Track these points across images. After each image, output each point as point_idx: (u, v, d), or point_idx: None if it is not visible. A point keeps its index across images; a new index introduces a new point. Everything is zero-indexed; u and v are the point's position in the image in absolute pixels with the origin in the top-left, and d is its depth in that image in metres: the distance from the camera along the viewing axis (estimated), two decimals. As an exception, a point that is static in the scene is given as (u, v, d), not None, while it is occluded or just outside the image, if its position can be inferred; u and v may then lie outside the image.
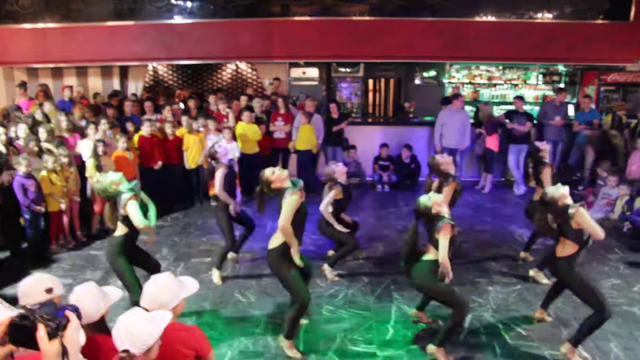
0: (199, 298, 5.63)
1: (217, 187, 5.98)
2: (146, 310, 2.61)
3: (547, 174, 6.11)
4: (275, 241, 4.47)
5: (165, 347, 2.60)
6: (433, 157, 6.25)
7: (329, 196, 5.93)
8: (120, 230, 4.81)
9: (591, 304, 4.41)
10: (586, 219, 4.46)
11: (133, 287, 4.73)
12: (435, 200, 4.47)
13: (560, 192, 4.63)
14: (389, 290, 5.84)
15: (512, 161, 9.77)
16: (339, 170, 5.99)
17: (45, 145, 7.12)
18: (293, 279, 4.44)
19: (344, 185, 6.00)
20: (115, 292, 3.00)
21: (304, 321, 5.08)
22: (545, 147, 6.38)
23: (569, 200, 4.60)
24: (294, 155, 9.66)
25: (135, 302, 4.49)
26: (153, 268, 4.96)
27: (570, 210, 4.48)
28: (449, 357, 4.46)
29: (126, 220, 4.71)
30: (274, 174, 4.55)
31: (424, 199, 4.51)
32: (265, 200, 4.76)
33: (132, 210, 4.61)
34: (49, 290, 2.79)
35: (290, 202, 4.34)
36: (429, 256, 4.47)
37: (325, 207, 5.94)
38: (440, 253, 4.29)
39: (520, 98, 9.90)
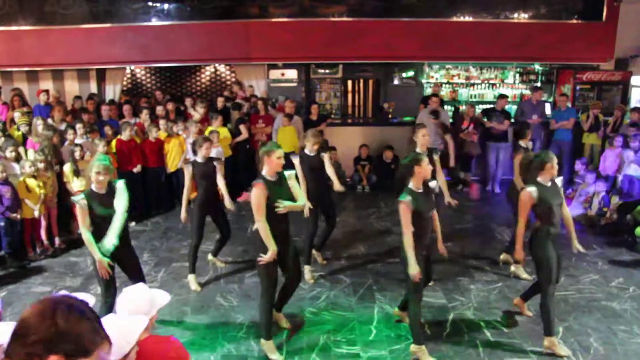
0: (180, 302, 5.59)
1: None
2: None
3: (517, 159, 6.20)
4: None
5: None
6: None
7: None
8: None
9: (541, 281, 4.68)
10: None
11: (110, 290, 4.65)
12: None
13: None
14: (371, 290, 5.85)
15: (491, 159, 9.87)
16: None
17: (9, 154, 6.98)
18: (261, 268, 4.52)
19: None
20: (87, 299, 2.90)
21: (285, 325, 5.07)
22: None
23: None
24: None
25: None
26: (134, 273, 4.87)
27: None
28: (429, 357, 4.47)
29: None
30: None
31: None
32: None
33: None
34: None
35: (252, 197, 4.39)
36: None
37: None
38: None
39: (504, 97, 9.99)
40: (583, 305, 5.47)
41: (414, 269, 4.23)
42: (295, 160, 6.05)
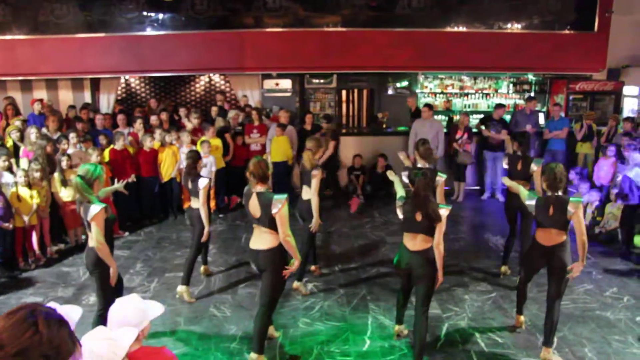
0: (173, 313, 5.55)
1: (202, 200, 5.88)
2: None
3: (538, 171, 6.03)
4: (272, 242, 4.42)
5: None
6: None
7: None
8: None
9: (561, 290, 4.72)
10: None
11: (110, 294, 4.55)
12: None
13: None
14: (365, 301, 5.82)
15: (489, 168, 9.91)
16: None
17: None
18: (280, 283, 4.50)
19: None
20: (75, 310, 2.85)
21: (275, 334, 5.03)
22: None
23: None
24: (269, 167, 9.61)
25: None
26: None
27: None
28: None
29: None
30: None
31: None
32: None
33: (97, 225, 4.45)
34: None
35: (284, 213, 4.34)
36: None
37: None
38: None
39: (501, 106, 10.03)
40: (577, 315, 5.46)
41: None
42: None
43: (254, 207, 4.42)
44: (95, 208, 4.36)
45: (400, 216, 4.58)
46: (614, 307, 5.65)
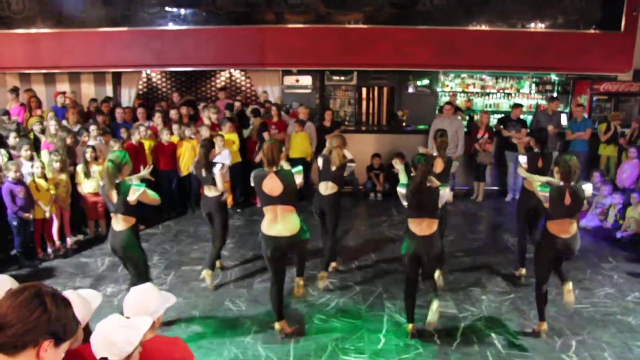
0: (189, 306, 5.57)
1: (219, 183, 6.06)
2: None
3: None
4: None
5: None
6: None
7: None
8: (127, 221, 4.86)
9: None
10: None
11: (145, 271, 5.06)
12: None
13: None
14: (381, 299, 5.78)
15: (510, 169, 9.78)
16: None
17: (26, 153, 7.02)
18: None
19: None
20: (95, 296, 2.88)
21: (288, 329, 5.02)
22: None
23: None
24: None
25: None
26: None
27: None
28: None
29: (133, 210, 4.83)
30: None
31: None
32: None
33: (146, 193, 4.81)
34: None
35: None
36: None
37: None
38: None
39: (518, 106, 9.92)
40: (598, 319, 5.35)
41: None
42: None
43: (272, 186, 4.58)
44: (139, 189, 4.74)
45: (405, 203, 4.71)
46: (636, 312, 5.52)
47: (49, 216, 6.90)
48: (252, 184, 4.74)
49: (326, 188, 6.08)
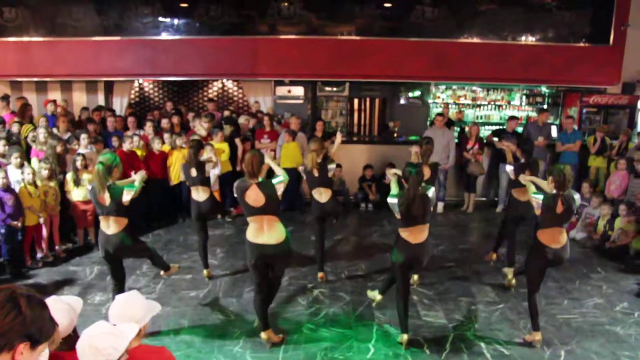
0: (177, 315, 5.54)
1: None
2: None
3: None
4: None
5: None
6: None
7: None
8: (120, 223, 4.88)
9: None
10: None
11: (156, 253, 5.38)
12: None
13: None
14: (371, 309, 5.77)
15: (504, 180, 9.82)
16: None
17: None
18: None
19: None
20: (75, 300, 2.86)
21: (276, 337, 5.00)
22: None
23: None
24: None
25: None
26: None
27: None
28: None
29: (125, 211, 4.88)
30: None
31: None
32: None
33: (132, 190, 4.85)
34: None
35: None
36: None
37: None
38: None
39: (514, 118, 10.00)
40: (586, 330, 5.37)
41: None
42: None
43: (255, 197, 4.59)
44: (132, 189, 4.82)
45: (397, 214, 4.77)
46: (624, 322, 5.55)
47: (43, 221, 6.88)
48: (235, 195, 4.76)
49: (321, 194, 6.25)
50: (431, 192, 4.73)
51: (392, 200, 4.79)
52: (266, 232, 4.64)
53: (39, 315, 1.71)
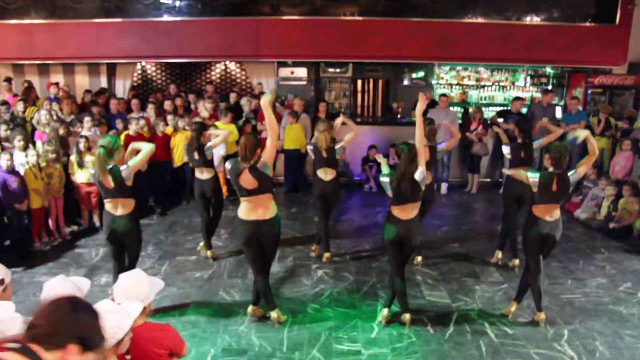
0: (182, 295, 5.58)
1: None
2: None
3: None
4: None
5: (138, 348, 2.58)
6: None
7: None
8: (128, 204, 4.96)
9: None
10: None
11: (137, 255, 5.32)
12: None
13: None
14: (375, 288, 5.80)
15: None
16: None
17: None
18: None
19: None
20: (83, 281, 2.89)
21: (283, 317, 5.03)
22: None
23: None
24: (282, 155, 9.61)
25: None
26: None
27: None
28: None
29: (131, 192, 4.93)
30: None
31: None
32: None
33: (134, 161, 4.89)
34: (1, 282, 2.72)
35: None
36: None
37: None
38: None
39: (519, 99, 9.95)
40: (590, 309, 5.39)
41: None
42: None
43: (248, 180, 4.62)
44: (126, 166, 4.85)
45: (389, 193, 4.82)
46: (627, 302, 5.56)
47: (47, 204, 6.91)
48: (228, 176, 4.77)
49: (326, 174, 6.33)
50: (419, 173, 4.68)
51: (384, 179, 4.86)
52: (260, 209, 4.68)
53: (92, 323, 1.84)
